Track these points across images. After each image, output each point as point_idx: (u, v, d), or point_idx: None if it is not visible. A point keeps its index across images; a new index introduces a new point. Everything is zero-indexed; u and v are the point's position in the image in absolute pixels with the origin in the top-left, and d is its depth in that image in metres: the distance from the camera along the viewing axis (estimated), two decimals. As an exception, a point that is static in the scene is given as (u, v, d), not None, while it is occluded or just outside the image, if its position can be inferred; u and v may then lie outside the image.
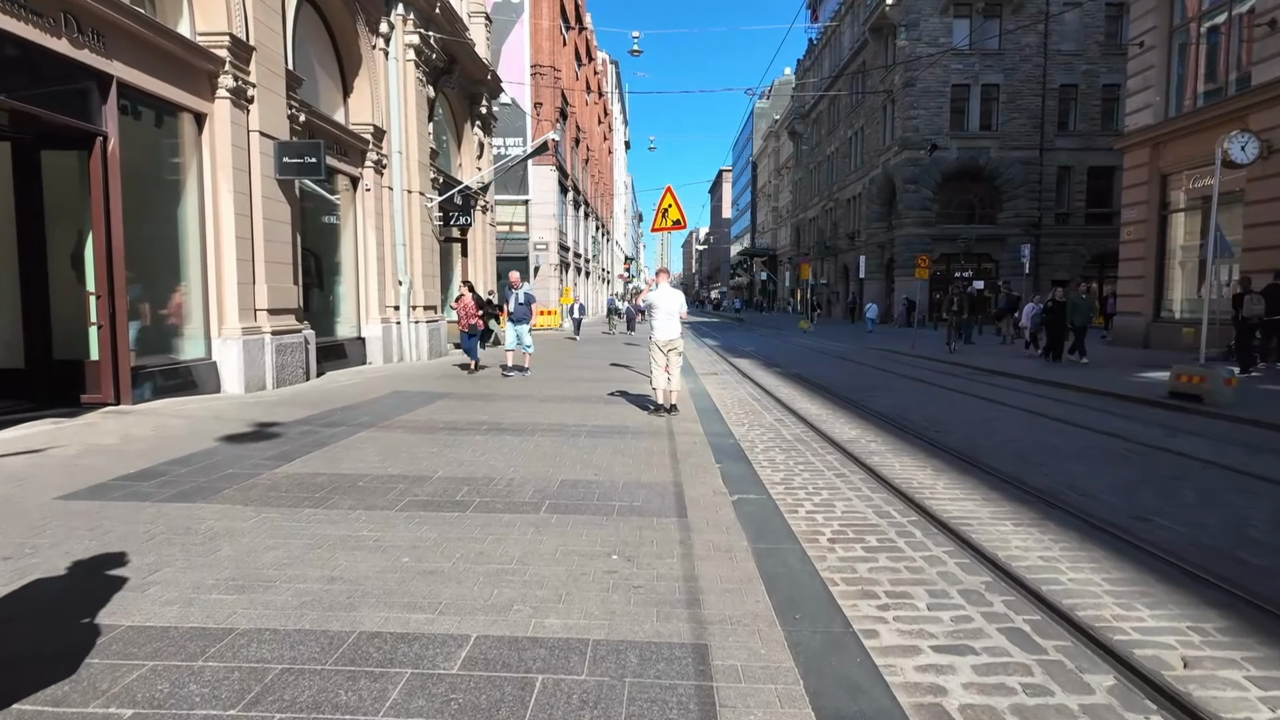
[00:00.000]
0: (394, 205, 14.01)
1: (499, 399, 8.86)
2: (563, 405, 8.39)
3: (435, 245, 15.68)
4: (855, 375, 13.17)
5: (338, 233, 13.17)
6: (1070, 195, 34.04)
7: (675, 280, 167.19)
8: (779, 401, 9.57)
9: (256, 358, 9.25)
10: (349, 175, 13.01)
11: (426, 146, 14.97)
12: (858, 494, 4.96)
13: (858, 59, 41.01)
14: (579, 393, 9.56)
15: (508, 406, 8.23)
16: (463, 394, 9.31)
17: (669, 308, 7.65)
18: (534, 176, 32.44)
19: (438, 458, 5.43)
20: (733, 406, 9.23)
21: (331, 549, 3.43)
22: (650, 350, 7.86)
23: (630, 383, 10.75)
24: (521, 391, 9.62)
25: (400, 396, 8.94)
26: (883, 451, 6.40)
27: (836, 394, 10.28)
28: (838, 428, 7.63)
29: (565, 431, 6.63)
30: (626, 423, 7.20)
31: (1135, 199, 17.89)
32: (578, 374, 12.12)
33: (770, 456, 6.19)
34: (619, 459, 5.46)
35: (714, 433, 6.70)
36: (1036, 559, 3.74)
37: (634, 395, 9.29)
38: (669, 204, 10.59)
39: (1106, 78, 33.13)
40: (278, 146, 9.68)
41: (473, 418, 7.36)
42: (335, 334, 13.06)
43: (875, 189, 37.65)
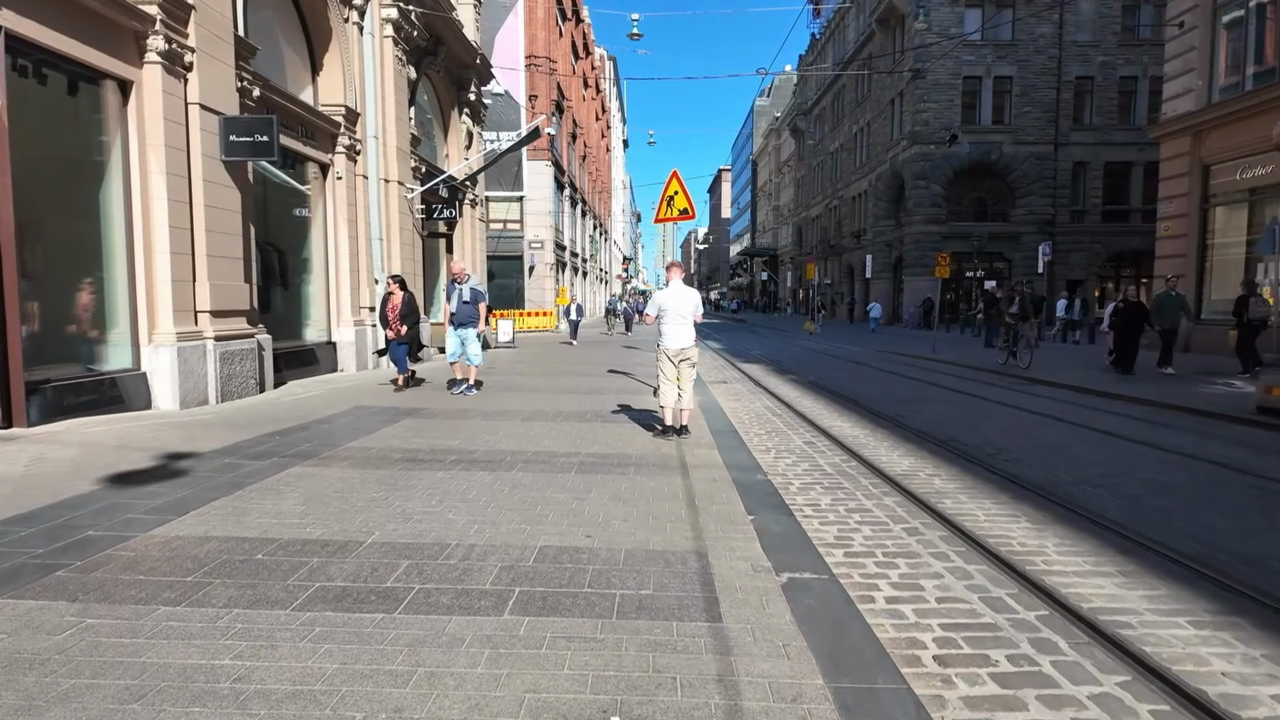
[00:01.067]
0: (369, 196, 12.70)
1: (476, 417, 7.55)
2: (552, 425, 7.07)
3: (417, 241, 14.37)
4: (882, 384, 11.87)
5: (306, 226, 11.85)
6: (1086, 192, 32.80)
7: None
8: (804, 418, 8.26)
9: (195, 367, 7.93)
10: (318, 162, 11.69)
11: (407, 132, 13.65)
12: (947, 565, 3.65)
13: (863, 52, 39.75)
14: (573, 408, 8.25)
15: (485, 428, 6.91)
16: (434, 410, 8.00)
17: (681, 309, 6.35)
18: (529, 172, 31.15)
19: (379, 509, 4.11)
20: (751, 424, 7.92)
21: (153, 703, 2.11)
22: (658, 361, 6.55)
23: (632, 394, 9.44)
24: (503, 406, 8.30)
25: (361, 413, 7.62)
26: (952, 491, 5.09)
27: (868, 408, 8.97)
28: (884, 454, 6.32)
29: (551, 464, 5.31)
30: (628, 449, 5.89)
31: (1173, 191, 16.63)
32: (572, 383, 10.80)
33: (813, 500, 4.87)
34: (619, 509, 4.15)
35: (737, 464, 5.39)
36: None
37: (637, 411, 7.98)
38: (675, 191, 9.29)
39: (1124, 69, 31.92)
40: (224, 123, 8.36)
41: (439, 443, 6.04)
42: (302, 338, 11.75)
43: (883, 186, 36.38)
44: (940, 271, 18.07)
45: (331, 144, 11.89)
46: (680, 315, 6.36)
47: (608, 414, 7.80)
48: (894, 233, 35.60)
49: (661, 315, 6.43)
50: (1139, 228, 32.63)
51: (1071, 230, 32.56)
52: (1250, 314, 11.53)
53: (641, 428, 6.94)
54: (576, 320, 21.46)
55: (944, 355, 16.67)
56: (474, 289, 9.24)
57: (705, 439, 6.42)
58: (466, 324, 9.10)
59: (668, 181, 9.38)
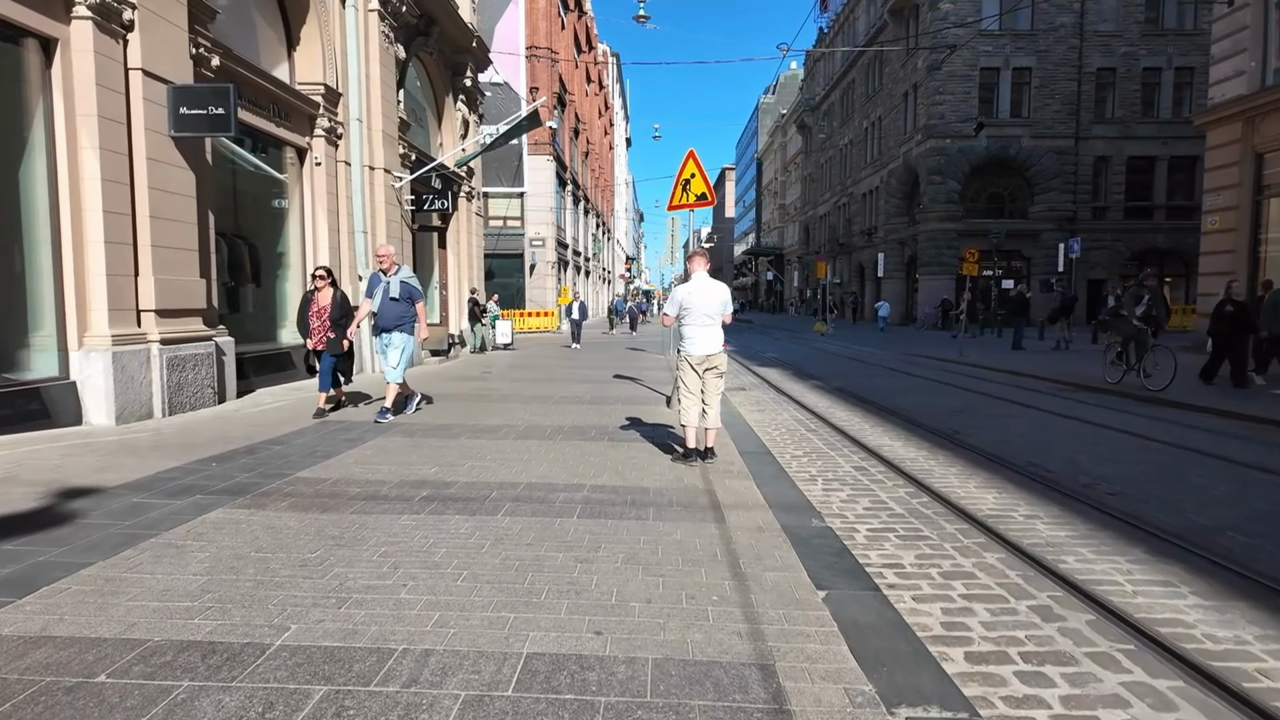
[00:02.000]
0: (352, 184, 11.59)
1: (461, 435, 6.42)
2: (551, 446, 5.94)
3: (406, 234, 13.25)
4: (920, 392, 10.71)
5: (281, 217, 10.75)
6: (1108, 188, 31.59)
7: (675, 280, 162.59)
8: (843, 434, 7.11)
9: (136, 375, 6.81)
10: (294, 145, 10.58)
11: (394, 115, 12.54)
12: (1125, 679, 2.51)
13: (874, 44, 38.55)
14: (575, 421, 7.12)
15: (471, 450, 5.78)
16: (415, 424, 6.87)
17: (707, 308, 5.21)
18: (529, 167, 30.05)
19: (307, 582, 2.98)
20: (785, 443, 6.78)
21: None
22: (678, 370, 5.42)
23: (642, 405, 8.31)
24: (495, 420, 7.17)
25: (326, 430, 6.49)
26: (1067, 542, 3.94)
27: (916, 422, 7.83)
28: (956, 484, 5.17)
29: (548, 503, 4.18)
30: (644, 480, 4.76)
31: (1222, 183, 15.44)
32: (575, 390, 9.67)
33: (892, 558, 3.72)
34: (639, 582, 3.02)
35: (782, 502, 4.25)
36: None
37: (650, 427, 6.84)
38: (692, 173, 8.16)
39: (1147, 60, 30.71)
40: (173, 93, 7.24)
41: (411, 472, 4.91)
42: (276, 341, 10.65)
43: (895, 182, 35.20)
44: (968, 269, 16.97)
45: (309, 126, 10.78)
46: (706, 315, 5.22)
47: (616, 430, 6.67)
48: (907, 230, 34.42)
49: (683, 315, 5.29)
50: (1163, 225, 31.49)
51: (1092, 228, 31.32)
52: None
53: (658, 449, 5.81)
54: (579, 321, 19.70)
55: (975, 359, 15.50)
56: (406, 282, 7.18)
57: (735, 464, 5.29)
58: (393, 328, 7.15)
59: (683, 163, 8.25)
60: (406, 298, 7.19)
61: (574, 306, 20.19)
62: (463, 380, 10.96)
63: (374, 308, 7.19)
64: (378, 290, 7.15)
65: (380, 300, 7.13)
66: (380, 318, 7.21)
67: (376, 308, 7.15)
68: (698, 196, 8.17)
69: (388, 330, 7.19)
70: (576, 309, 20.03)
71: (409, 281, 7.27)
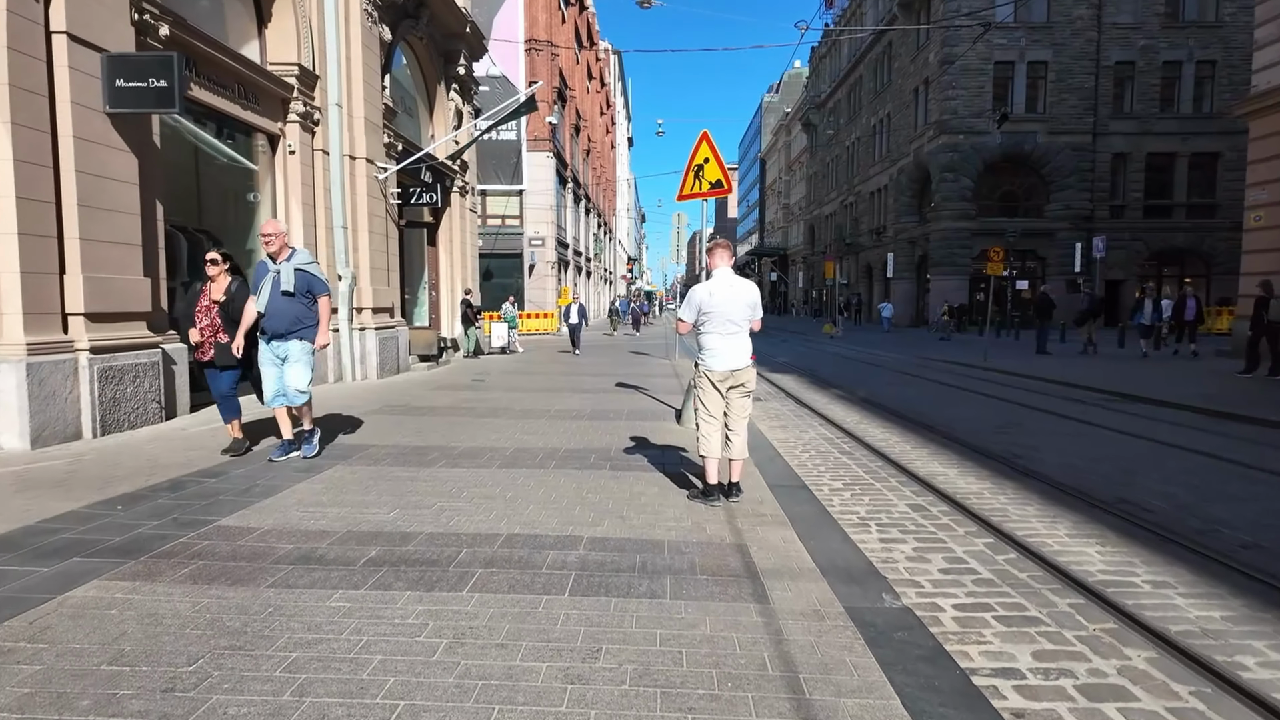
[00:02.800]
0: (331, 175, 10.61)
1: (438, 459, 5.43)
2: (542, 476, 4.96)
3: (392, 230, 12.27)
4: (954, 404, 9.72)
5: (251, 210, 9.78)
6: (1126, 185, 30.57)
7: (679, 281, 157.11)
8: (883, 457, 6.12)
9: (60, 390, 5.83)
10: (265, 132, 9.61)
11: (378, 101, 11.56)
12: None
13: (883, 39, 37.61)
14: (572, 442, 6.13)
15: (446, 481, 4.80)
16: (387, 446, 5.89)
17: (732, 312, 4.23)
18: (529, 164, 29.09)
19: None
20: (819, 470, 5.78)
21: None
22: (696, 388, 4.43)
23: (648, 420, 7.32)
24: (480, 441, 6.18)
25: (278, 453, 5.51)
26: (1236, 632, 2.95)
27: (959, 440, 6.83)
28: (1045, 531, 4.18)
29: (532, 570, 3.19)
30: (655, 530, 3.77)
31: (1266, 176, 14.41)
32: (572, 402, 8.67)
33: (1010, 665, 2.72)
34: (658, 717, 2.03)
35: (837, 566, 3.27)
36: None
37: (657, 449, 5.86)
38: (705, 158, 7.17)
39: (1167, 54, 29.71)
40: (108, 63, 6.27)
41: (363, 519, 3.92)
42: (246, 346, 9.64)
43: (905, 179, 34.20)
44: (992, 268, 15.93)
45: (282, 111, 9.80)
46: (731, 321, 4.24)
47: (620, 454, 5.68)
48: (918, 229, 33.42)
49: (702, 321, 4.30)
50: (1183, 224, 30.48)
51: (1110, 226, 30.24)
52: (1271, 315, 11.45)
53: (670, 481, 4.82)
54: (578, 324, 17.66)
55: (1001, 364, 14.50)
56: (303, 270, 5.22)
57: (765, 502, 4.30)
58: (287, 334, 5.19)
59: (696, 146, 7.25)
60: (305, 291, 5.23)
61: (572, 309, 17.99)
62: (450, 390, 9.98)
63: (260, 306, 5.14)
64: (265, 283, 5.14)
65: (268, 296, 5.11)
66: (270, 320, 5.15)
67: (264, 306, 5.13)
68: (712, 184, 7.18)
69: (282, 337, 5.21)
70: (575, 311, 17.85)
71: (307, 269, 5.27)
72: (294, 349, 5.26)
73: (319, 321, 5.36)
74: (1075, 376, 12.04)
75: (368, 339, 11.05)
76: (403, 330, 12.28)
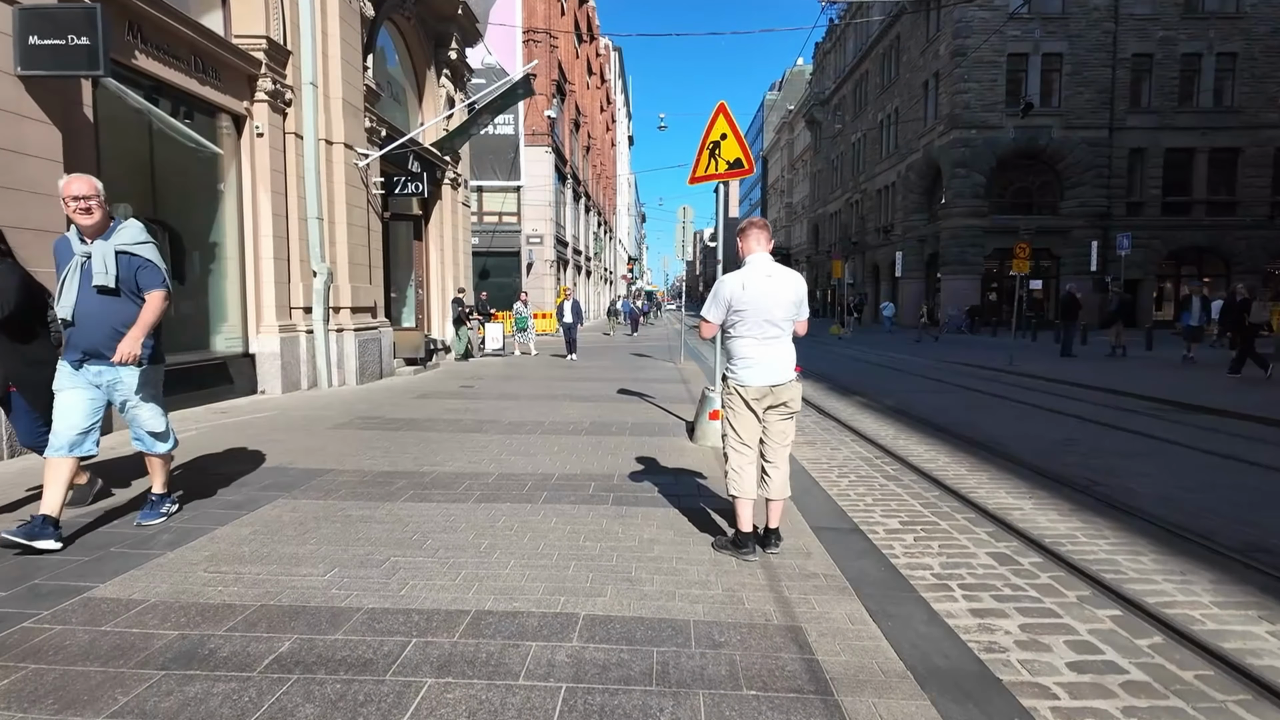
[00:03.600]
0: (305, 160, 9.64)
1: (404, 490, 4.46)
2: (529, 515, 3.99)
3: (374, 223, 11.30)
4: (994, 413, 8.76)
5: (215, 198, 8.82)
6: (1144, 182, 29.60)
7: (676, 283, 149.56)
8: (938, 484, 5.16)
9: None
10: (229, 111, 8.64)
11: (359, 82, 10.60)
12: None
13: (891, 32, 36.66)
14: (567, 465, 5.17)
15: (408, 523, 3.83)
16: (347, 472, 4.92)
17: (772, 310, 3.28)
18: (526, 159, 28.12)
19: None
20: (868, 503, 4.81)
21: None
22: (726, 412, 3.44)
23: (655, 435, 6.36)
24: (458, 464, 5.21)
25: (205, 482, 4.53)
26: None
27: (1018, 460, 5.87)
28: (1178, 596, 3.22)
29: (504, 684, 2.22)
30: (676, 603, 2.81)
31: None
32: (569, 414, 7.70)
33: None
34: None
35: (934, 663, 2.31)
36: None
37: (669, 474, 4.89)
38: (723, 133, 6.21)
39: (1187, 46, 28.75)
40: (21, 18, 5.31)
41: (287, 587, 2.95)
42: (209, 349, 8.71)
43: (914, 176, 33.24)
44: (1019, 265, 14.95)
45: (248, 89, 8.84)
46: (770, 323, 3.28)
47: (624, 482, 4.71)
48: (928, 227, 32.45)
49: (733, 322, 3.33)
50: (1202, 221, 29.52)
51: (1127, 224, 29.23)
52: (1252, 318, 11.91)
53: (689, 521, 3.86)
54: (572, 324, 15.56)
55: (1029, 368, 13.53)
56: (129, 253, 3.43)
57: (814, 555, 3.35)
58: (102, 350, 3.39)
59: (711, 121, 6.28)
60: (133, 281, 3.44)
61: (565, 306, 15.69)
62: (435, 398, 9.01)
63: (65, 313, 3.33)
64: (68, 274, 3.35)
65: (75, 291, 3.33)
66: (81, 329, 3.35)
67: (72, 307, 3.32)
68: (730, 164, 6.21)
69: (100, 357, 3.39)
70: (569, 309, 15.57)
71: (134, 250, 3.44)
72: (126, 380, 3.45)
73: (142, 323, 3.39)
74: (1120, 383, 11.07)
75: (346, 341, 10.08)
76: (386, 332, 11.31)
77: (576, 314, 15.68)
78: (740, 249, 3.48)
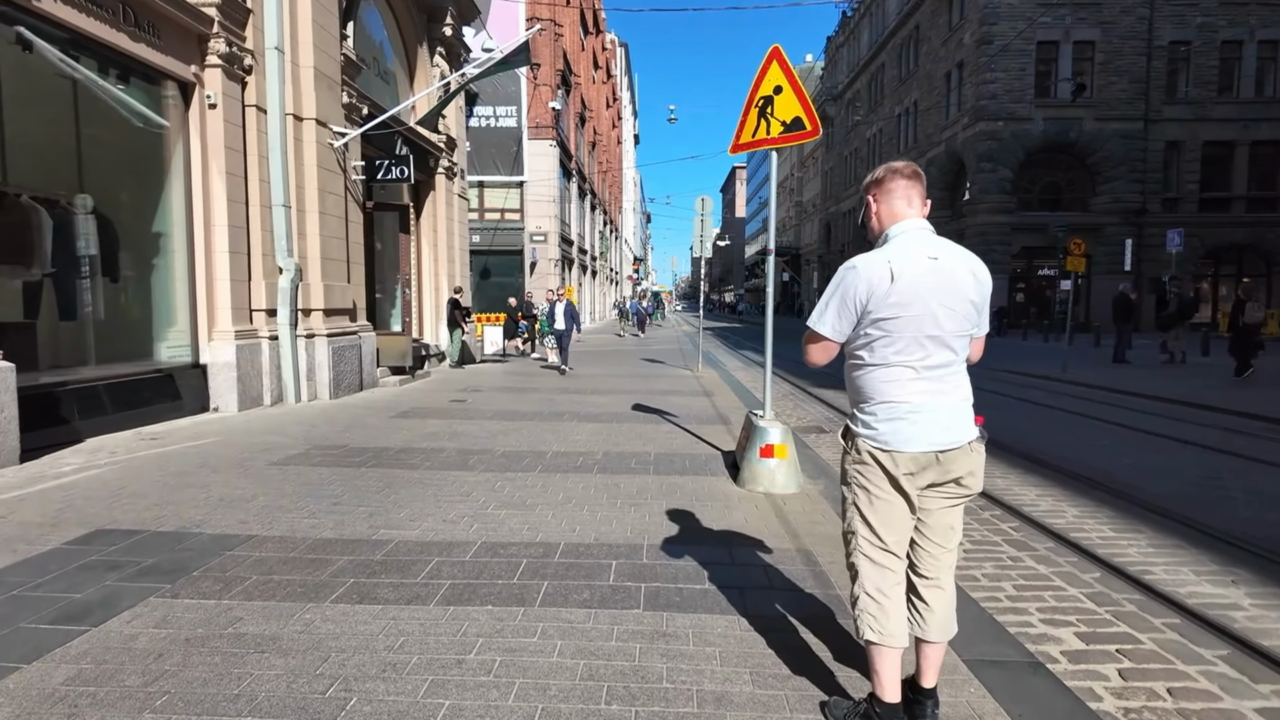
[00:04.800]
0: (270, 138, 8.27)
1: (336, 582, 3.06)
2: (518, 629, 2.58)
3: (354, 213, 9.92)
4: (1085, 437, 7.32)
5: (155, 179, 7.45)
6: (1180, 176, 28.05)
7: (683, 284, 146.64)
8: (1092, 556, 3.75)
9: None
10: (172, 76, 7.28)
11: (335, 50, 9.23)
12: None
13: (909, 22, 35.18)
14: (573, 532, 3.76)
15: (342, 648, 2.43)
16: (270, 541, 3.53)
17: (941, 317, 1.88)
18: (530, 153, 26.75)
19: None
20: (1015, 599, 3.38)
21: None
22: (856, 495, 1.97)
23: (686, 475, 4.94)
24: (424, 527, 3.81)
25: (77, 561, 3.14)
26: None
27: (1163, 511, 4.45)
28: None
29: None
30: None
31: None
32: (575, 438, 6.28)
33: None
34: None
35: None
36: None
37: (717, 550, 3.47)
38: (777, 85, 4.81)
39: (1227, 33, 27.21)
40: None
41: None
42: (151, 358, 7.36)
43: (936, 171, 31.72)
44: (1074, 264, 13.56)
45: (198, 52, 7.48)
46: (937, 340, 1.88)
47: (657, 561, 3.30)
48: (951, 224, 30.93)
49: (872, 338, 1.90)
50: (1243, 218, 27.96)
51: (1162, 221, 27.67)
52: (1246, 318, 12.09)
53: (776, 654, 2.44)
54: (566, 331, 12.75)
55: (1085, 377, 12.09)
56: None
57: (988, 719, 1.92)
58: None
59: (761, 71, 4.87)
60: None
61: (557, 308, 12.84)
62: (417, 416, 7.62)
63: None
64: None
65: None
66: None
67: None
68: (787, 125, 4.79)
69: None
70: (562, 311, 12.69)
71: None
72: None
73: None
74: (1212, 397, 9.61)
75: (317, 348, 8.70)
76: (368, 337, 9.92)
77: (572, 317, 12.83)
78: (873, 214, 2.08)
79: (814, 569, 3.25)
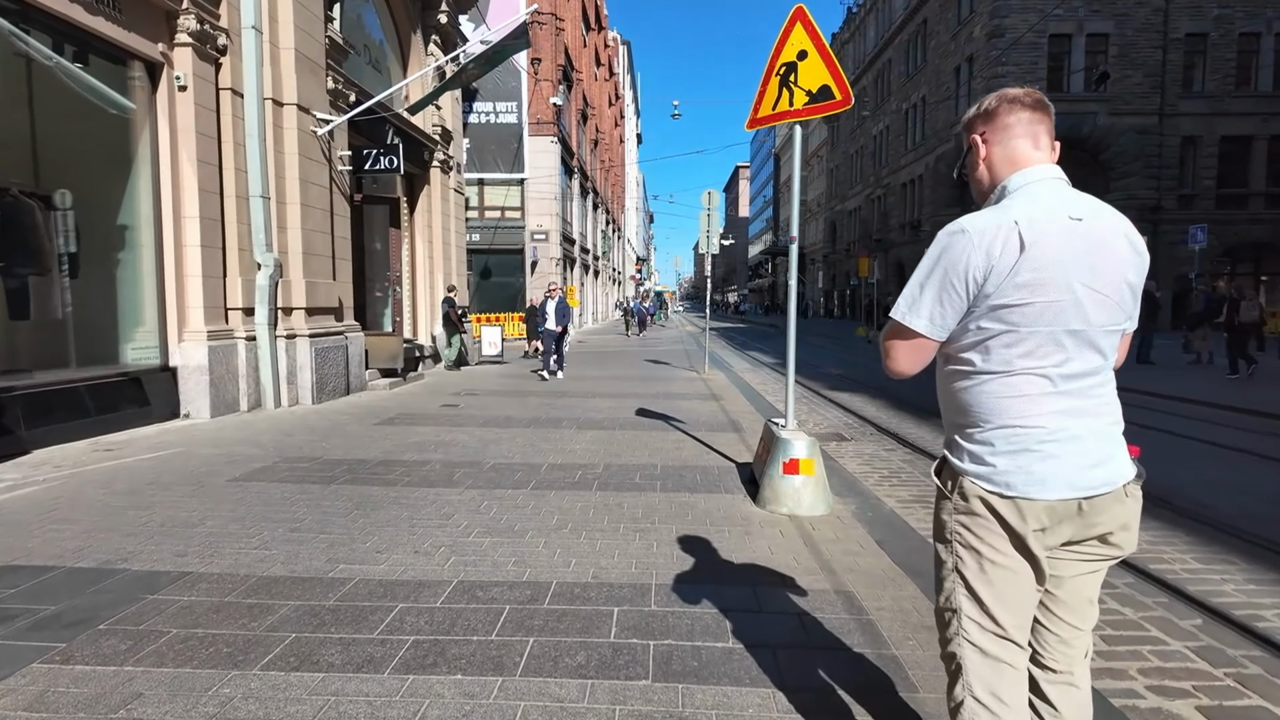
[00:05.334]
0: (247, 124, 7.71)
1: (281, 630, 2.48)
2: (495, 705, 1.99)
3: (340, 205, 9.35)
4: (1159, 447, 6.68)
5: (119, 167, 6.89)
6: (1196, 172, 27.35)
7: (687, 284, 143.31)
8: (1185, 597, 3.15)
9: None
10: (138, 56, 6.72)
11: (319, 32, 8.67)
12: None
13: (917, 17, 34.55)
14: (568, 568, 3.18)
15: None
16: (211, 579, 2.95)
17: (1083, 304, 1.30)
18: (531, 150, 26.19)
19: None
20: (1139, 681, 2.80)
21: None
22: (958, 556, 1.35)
23: (699, 493, 4.35)
24: (387, 565, 3.23)
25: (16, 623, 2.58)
26: None
27: (1266, 542, 3.85)
28: None
29: None
30: None
31: None
32: (574, 449, 5.69)
33: None
34: None
35: None
36: None
37: (740, 592, 2.87)
38: (801, 50, 4.23)
39: (1245, 25, 26.51)
40: None
41: None
42: (116, 360, 6.79)
43: (945, 167, 31.09)
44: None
45: (166, 29, 6.92)
46: (1080, 337, 1.29)
47: (668, 609, 2.71)
48: (960, 222, 30.30)
49: (988, 333, 1.31)
50: (1262, 214, 27.24)
51: (1178, 218, 27.03)
52: (1241, 317, 11.93)
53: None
54: (555, 334, 11.32)
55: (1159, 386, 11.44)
56: None
57: None
58: None
59: (784, 33, 4.29)
60: None
61: (548, 305, 11.41)
62: (403, 424, 7.04)
63: None
64: None
65: None
66: None
67: None
68: (812, 95, 4.21)
69: None
70: (553, 310, 11.32)
71: None
72: None
73: None
74: (1260, 402, 8.99)
75: (299, 350, 8.13)
76: (356, 338, 9.35)
77: (563, 317, 11.40)
78: (980, 160, 1.50)
79: (859, 618, 2.66)
